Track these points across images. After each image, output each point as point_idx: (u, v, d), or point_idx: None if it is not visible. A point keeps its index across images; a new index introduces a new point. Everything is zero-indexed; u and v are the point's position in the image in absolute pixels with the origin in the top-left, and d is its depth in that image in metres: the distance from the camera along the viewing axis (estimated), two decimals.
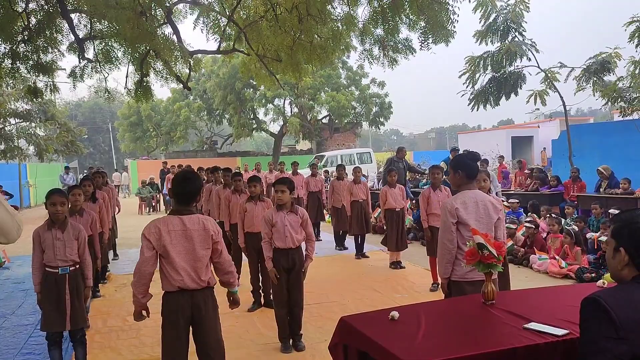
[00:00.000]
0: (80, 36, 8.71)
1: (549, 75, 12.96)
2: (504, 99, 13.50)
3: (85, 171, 23.57)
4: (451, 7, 7.93)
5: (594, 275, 6.50)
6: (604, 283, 3.15)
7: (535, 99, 13.41)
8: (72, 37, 8.74)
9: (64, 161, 32.46)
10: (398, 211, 7.90)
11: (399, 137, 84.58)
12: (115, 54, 8.86)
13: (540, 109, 14.02)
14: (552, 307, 2.74)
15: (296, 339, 4.70)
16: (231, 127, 30.80)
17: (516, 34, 12.93)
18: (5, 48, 8.45)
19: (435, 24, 8.03)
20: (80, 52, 8.86)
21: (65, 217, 4.12)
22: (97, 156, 49.59)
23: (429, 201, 6.58)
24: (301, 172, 12.16)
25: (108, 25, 7.87)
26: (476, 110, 13.82)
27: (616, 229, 1.85)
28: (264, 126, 30.68)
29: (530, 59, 12.90)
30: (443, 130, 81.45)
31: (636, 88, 11.48)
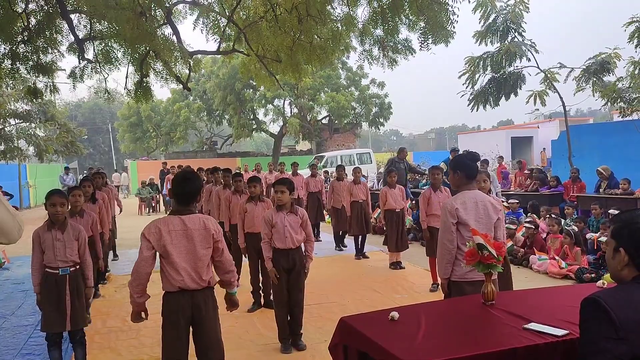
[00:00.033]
0: (80, 37, 8.72)
1: (548, 75, 12.96)
2: (503, 99, 13.50)
3: (85, 172, 23.56)
4: (451, 8, 7.95)
5: (593, 275, 6.50)
6: (603, 283, 3.15)
7: (535, 100, 13.41)
8: (72, 38, 8.75)
9: (63, 162, 32.47)
10: (398, 212, 7.90)
11: (398, 138, 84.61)
12: (115, 54, 8.88)
13: (540, 109, 14.01)
14: (552, 307, 2.74)
15: (296, 338, 4.71)
16: (231, 127, 30.77)
17: (516, 34, 12.92)
18: (5, 49, 8.45)
19: (435, 25, 8.04)
20: (80, 52, 8.87)
21: (65, 218, 4.12)
22: (96, 157, 49.56)
23: (429, 202, 6.58)
24: (301, 172, 12.15)
25: (108, 26, 7.88)
26: (476, 110, 13.84)
27: (616, 230, 1.85)
28: (263, 127, 30.66)
29: (530, 60, 12.91)
30: (443, 130, 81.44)
31: (636, 88, 11.48)
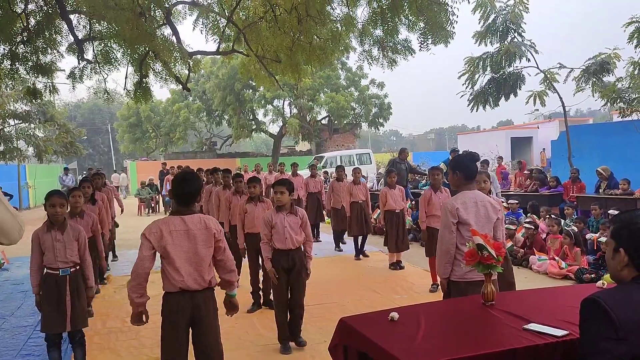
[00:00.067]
0: (80, 37, 8.72)
1: (548, 76, 12.96)
2: (503, 99, 13.51)
3: (85, 172, 23.54)
4: (450, 8, 7.97)
5: (593, 276, 6.50)
6: (603, 284, 3.15)
7: (535, 100, 13.42)
8: (71, 38, 8.76)
9: (63, 162, 32.47)
10: (398, 212, 7.90)
11: (398, 138, 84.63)
12: (115, 55, 8.88)
13: (540, 109, 14.02)
14: (551, 307, 2.74)
15: (297, 336, 4.74)
16: (230, 128, 30.75)
17: (515, 34, 12.94)
18: (4, 49, 8.46)
19: (434, 25, 8.05)
20: (80, 53, 8.87)
21: (65, 219, 4.11)
22: (96, 157, 49.52)
23: (429, 202, 6.58)
24: (301, 173, 12.15)
25: (107, 26, 7.88)
26: (475, 111, 13.85)
27: (616, 230, 1.85)
28: (263, 127, 30.64)
29: (530, 60, 12.92)
30: (442, 131, 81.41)
31: (635, 89, 11.48)
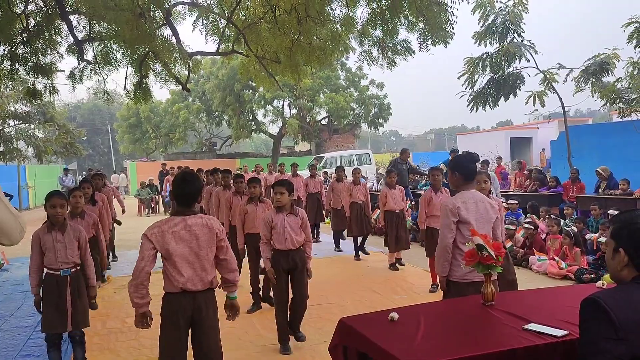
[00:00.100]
0: (79, 38, 8.73)
1: (547, 76, 12.96)
2: (502, 100, 13.52)
3: (84, 173, 23.52)
4: (450, 9, 7.97)
5: (593, 276, 6.51)
6: (603, 284, 3.15)
7: (534, 100, 13.43)
8: (71, 39, 8.76)
9: (63, 163, 32.45)
10: (397, 212, 7.90)
11: (398, 139, 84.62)
12: (114, 55, 8.89)
13: (539, 110, 14.04)
14: (551, 308, 2.74)
15: (296, 330, 4.79)
16: (230, 128, 30.73)
17: (515, 35, 12.94)
18: (4, 50, 8.46)
19: (434, 25, 8.06)
20: (79, 53, 8.87)
21: (65, 219, 4.11)
22: (96, 158, 49.48)
23: (430, 203, 6.58)
24: (300, 173, 12.15)
25: (107, 27, 7.89)
26: (475, 111, 13.86)
27: (615, 230, 1.85)
28: (263, 127, 30.63)
29: (529, 60, 12.92)
30: (442, 131, 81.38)
31: (635, 89, 11.49)
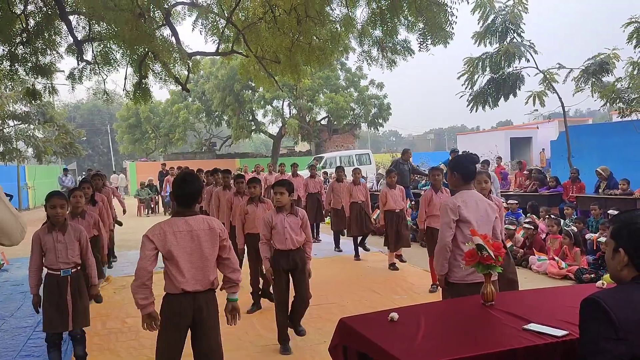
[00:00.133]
0: (79, 38, 8.73)
1: (547, 76, 12.97)
2: (502, 100, 13.53)
3: (84, 173, 23.52)
4: (450, 9, 7.98)
5: (593, 276, 6.51)
6: (603, 284, 3.15)
7: (534, 100, 13.43)
8: (70, 39, 8.76)
9: (62, 163, 32.42)
10: (398, 212, 7.90)
11: (397, 139, 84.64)
12: (114, 55, 8.89)
13: (539, 110, 14.05)
14: (551, 308, 2.74)
15: (297, 325, 4.84)
16: (230, 128, 30.71)
17: (515, 35, 12.95)
18: (3, 50, 8.46)
19: (433, 26, 8.06)
20: (79, 54, 8.88)
21: (65, 220, 4.11)
22: (95, 158, 49.48)
23: (430, 203, 6.57)
24: (300, 173, 12.16)
25: (107, 27, 7.89)
26: (475, 111, 13.88)
27: (615, 230, 1.85)
28: (262, 128, 30.64)
29: (529, 60, 12.93)
30: (442, 131, 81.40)
31: (634, 89, 11.50)
